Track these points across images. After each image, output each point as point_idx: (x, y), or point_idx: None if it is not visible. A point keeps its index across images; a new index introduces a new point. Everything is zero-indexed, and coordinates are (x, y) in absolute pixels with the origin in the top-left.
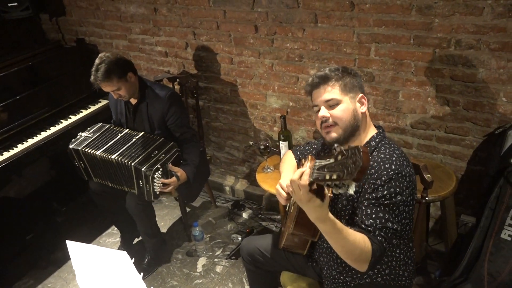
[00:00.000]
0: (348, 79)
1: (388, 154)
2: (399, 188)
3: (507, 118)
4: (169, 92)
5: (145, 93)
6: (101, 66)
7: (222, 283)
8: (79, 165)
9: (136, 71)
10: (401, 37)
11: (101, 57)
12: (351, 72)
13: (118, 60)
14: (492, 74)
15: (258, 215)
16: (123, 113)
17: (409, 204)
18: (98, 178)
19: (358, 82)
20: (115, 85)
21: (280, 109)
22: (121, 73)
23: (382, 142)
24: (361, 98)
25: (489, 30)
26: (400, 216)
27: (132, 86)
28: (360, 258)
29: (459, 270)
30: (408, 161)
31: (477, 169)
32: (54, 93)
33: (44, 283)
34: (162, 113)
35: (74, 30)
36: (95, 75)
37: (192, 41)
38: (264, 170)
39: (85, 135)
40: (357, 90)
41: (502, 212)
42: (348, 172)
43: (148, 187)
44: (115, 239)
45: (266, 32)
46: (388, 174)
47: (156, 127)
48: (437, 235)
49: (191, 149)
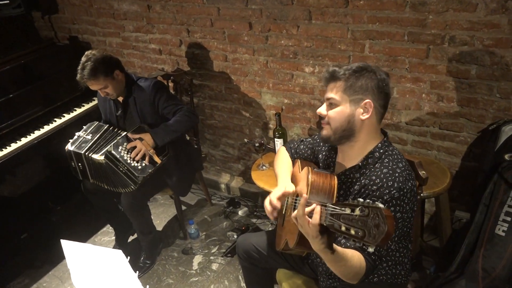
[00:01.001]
0: (354, 80)
1: (391, 169)
2: (400, 206)
3: (501, 114)
4: (152, 81)
5: (131, 89)
6: (87, 64)
7: (218, 281)
8: (76, 166)
9: (123, 69)
10: (395, 33)
11: (87, 55)
12: (365, 74)
13: (104, 58)
14: (486, 70)
15: (253, 212)
16: (113, 112)
17: (408, 218)
18: (95, 180)
19: (370, 85)
20: (102, 83)
21: (275, 106)
22: (107, 71)
23: (386, 154)
24: (365, 104)
25: (482, 27)
26: (397, 232)
27: (119, 84)
28: (353, 277)
29: (453, 265)
30: (410, 174)
31: (471, 165)
32: (48, 91)
33: (39, 282)
34: (150, 103)
35: (67, 28)
36: (81, 73)
37: (186, 38)
38: (259, 167)
39: (83, 136)
40: (364, 93)
41: (496, 208)
42: (371, 236)
43: (126, 167)
44: (110, 237)
45: (260, 29)
46: (390, 193)
47: (148, 119)
48: (432, 231)
49: (175, 117)
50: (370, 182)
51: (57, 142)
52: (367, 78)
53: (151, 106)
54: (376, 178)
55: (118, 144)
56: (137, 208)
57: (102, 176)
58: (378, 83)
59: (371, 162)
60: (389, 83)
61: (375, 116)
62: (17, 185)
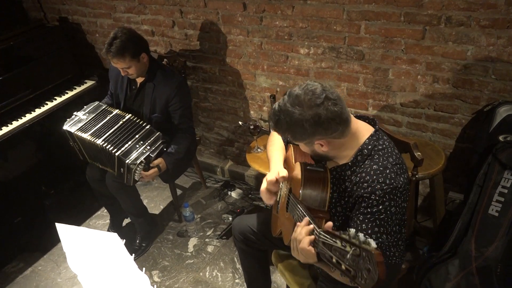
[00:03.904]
0: (289, 133)
1: (382, 165)
2: (393, 201)
3: (496, 95)
4: (179, 79)
5: (155, 74)
6: (116, 42)
7: (214, 263)
8: (74, 146)
9: (149, 52)
10: (391, 14)
11: (118, 31)
12: (289, 122)
13: (134, 38)
14: (482, 52)
15: (248, 195)
16: (124, 89)
17: (403, 210)
18: (91, 160)
19: (306, 128)
20: (127, 63)
21: (269, 88)
22: (135, 52)
23: (375, 149)
24: (318, 143)
25: (479, 7)
26: (393, 224)
27: (142, 67)
28: None
29: (447, 245)
30: (402, 167)
31: (465, 147)
32: (38, 74)
33: (34, 265)
34: (167, 98)
35: (56, 9)
36: (108, 49)
37: (179, 19)
38: (254, 150)
39: (80, 115)
40: (308, 137)
41: (489, 189)
42: (363, 279)
43: (129, 176)
44: (104, 221)
45: (254, 10)
46: (382, 189)
47: (157, 111)
48: (426, 212)
49: (181, 140)
50: (361, 180)
51: (49, 125)
52: (294, 125)
53: (166, 101)
54: (366, 175)
55: (140, 163)
56: (122, 187)
57: (94, 156)
58: (312, 122)
59: (360, 159)
60: (329, 104)
61: (337, 139)
62: (9, 169)
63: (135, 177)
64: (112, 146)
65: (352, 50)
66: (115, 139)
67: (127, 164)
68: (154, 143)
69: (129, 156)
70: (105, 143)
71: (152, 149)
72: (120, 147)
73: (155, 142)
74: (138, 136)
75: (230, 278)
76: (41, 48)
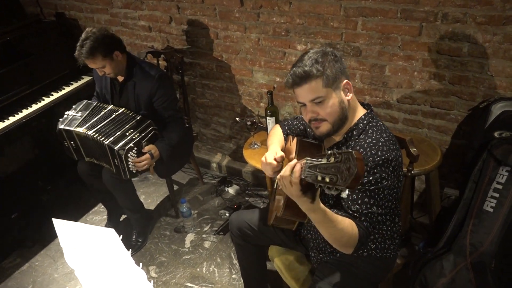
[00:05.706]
0: (329, 69)
1: (375, 138)
2: (385, 173)
3: (492, 92)
4: (158, 72)
5: (132, 71)
6: (86, 42)
7: (211, 258)
8: (70, 145)
9: (124, 49)
10: (388, 10)
11: (88, 32)
12: (332, 58)
13: (104, 37)
14: (478, 48)
15: (245, 191)
16: (108, 89)
17: (394, 187)
18: (89, 158)
19: (340, 67)
20: (100, 63)
21: (266, 84)
22: (106, 51)
23: (370, 125)
24: (345, 84)
25: (476, 4)
26: (384, 199)
27: (118, 65)
28: (347, 243)
29: (442, 241)
30: (395, 144)
31: (461, 143)
32: (35, 69)
33: (31, 261)
34: (150, 94)
35: (53, 4)
36: (79, 50)
37: (176, 15)
38: (251, 146)
39: (73, 114)
40: (340, 77)
41: (485, 185)
42: (342, 178)
43: (123, 166)
44: (101, 217)
45: (252, 6)
46: (374, 160)
47: (142, 107)
48: (421, 208)
49: (172, 128)
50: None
51: (46, 121)
52: (334, 61)
53: (149, 97)
54: (360, 148)
55: (129, 149)
56: (118, 182)
57: (93, 153)
58: (338, 60)
59: (355, 133)
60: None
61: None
62: (6, 164)
63: (129, 166)
64: (103, 137)
65: (349, 47)
66: (106, 130)
67: (116, 151)
68: (144, 130)
69: (118, 143)
70: (96, 133)
71: (142, 135)
72: (109, 136)
73: (145, 129)
74: (128, 126)
75: (227, 274)
76: (37, 44)
